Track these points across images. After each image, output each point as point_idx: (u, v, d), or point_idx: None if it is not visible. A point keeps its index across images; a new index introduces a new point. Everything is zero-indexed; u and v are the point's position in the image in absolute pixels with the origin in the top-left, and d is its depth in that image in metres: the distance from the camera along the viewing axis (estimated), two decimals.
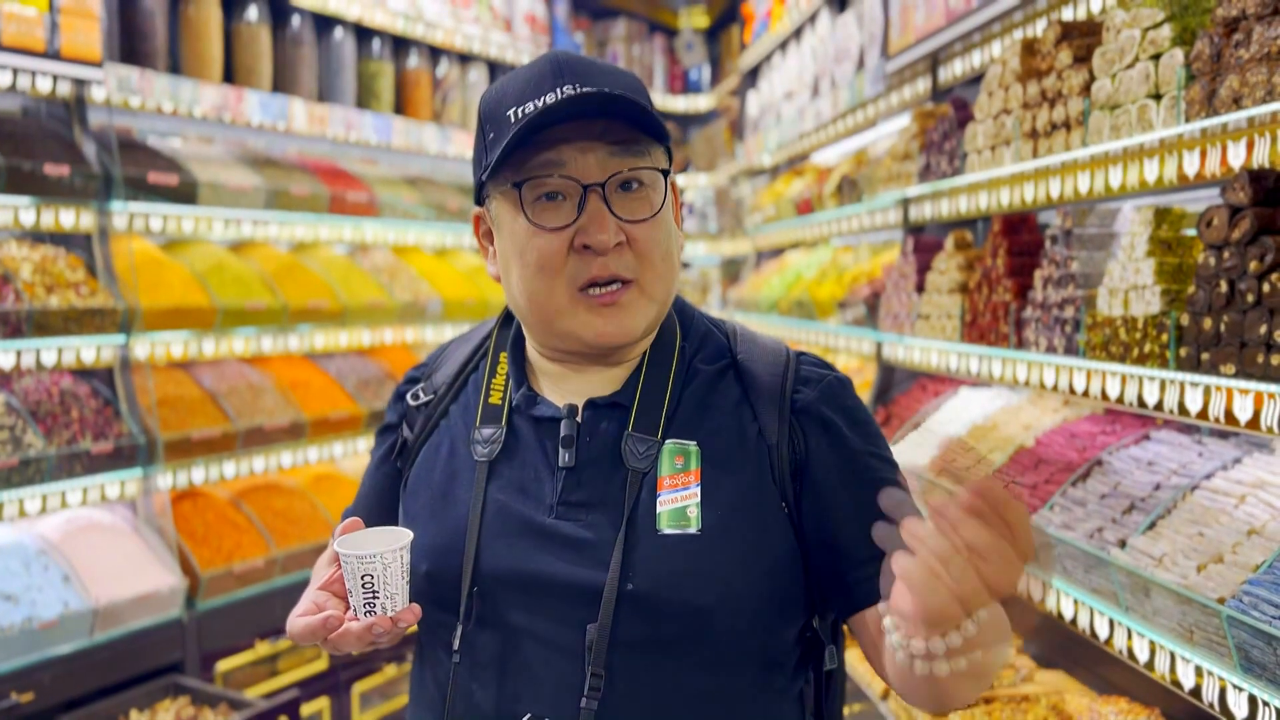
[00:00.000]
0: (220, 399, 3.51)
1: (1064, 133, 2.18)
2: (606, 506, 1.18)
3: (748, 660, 1.18)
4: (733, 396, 1.24)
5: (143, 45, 3.52)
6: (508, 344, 1.32)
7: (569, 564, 1.16)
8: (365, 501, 1.40)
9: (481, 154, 1.22)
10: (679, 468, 1.19)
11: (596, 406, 1.23)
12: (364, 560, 1.08)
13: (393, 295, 4.22)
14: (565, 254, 1.16)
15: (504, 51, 5.07)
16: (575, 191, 1.15)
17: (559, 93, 1.14)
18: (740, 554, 1.16)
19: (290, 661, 3.46)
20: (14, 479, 2.80)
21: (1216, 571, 1.65)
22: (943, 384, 3.18)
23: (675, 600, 1.13)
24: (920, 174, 3.00)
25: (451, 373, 1.35)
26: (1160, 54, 1.87)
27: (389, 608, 1.10)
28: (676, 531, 1.15)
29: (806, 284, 4.24)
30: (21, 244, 3.11)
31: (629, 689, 1.13)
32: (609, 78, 1.18)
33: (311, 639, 1.12)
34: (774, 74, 5.19)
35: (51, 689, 2.76)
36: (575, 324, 1.19)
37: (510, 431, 1.25)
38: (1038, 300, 2.28)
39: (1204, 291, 1.70)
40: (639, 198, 1.18)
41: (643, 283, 1.19)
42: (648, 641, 1.14)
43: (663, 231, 1.20)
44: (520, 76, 1.19)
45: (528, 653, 1.17)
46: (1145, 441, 2.19)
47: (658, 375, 1.24)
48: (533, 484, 1.21)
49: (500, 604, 1.18)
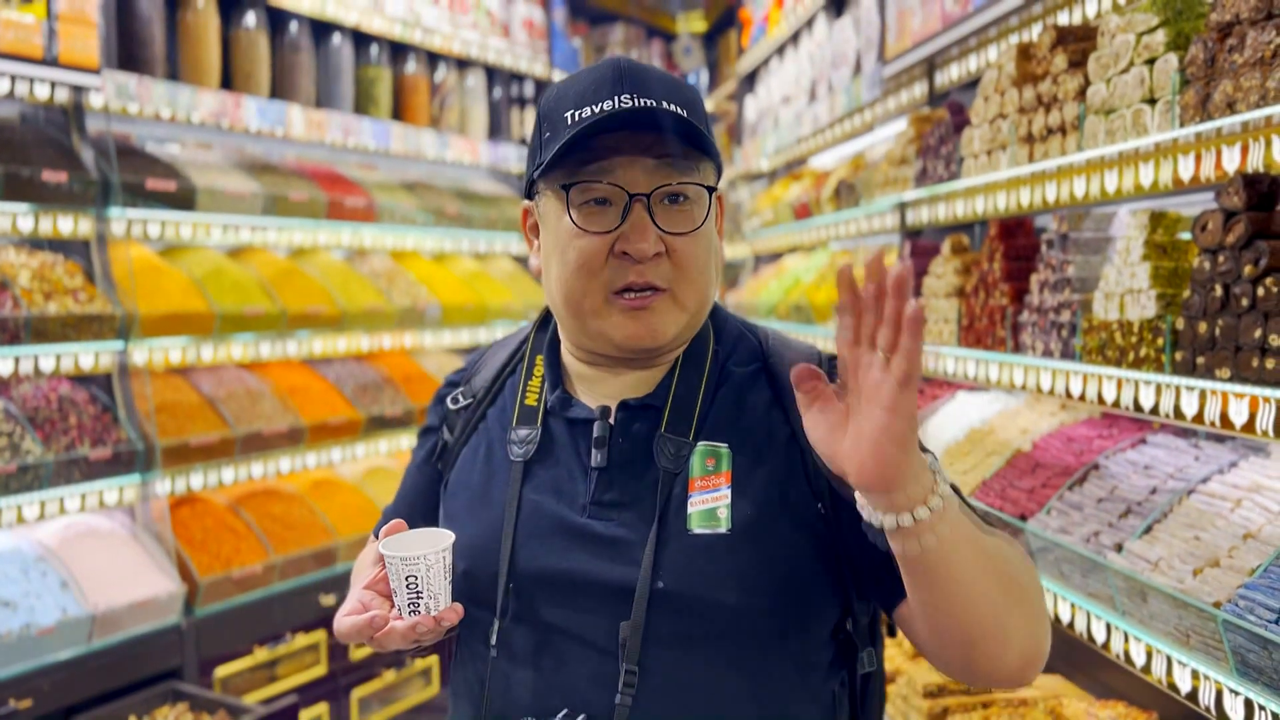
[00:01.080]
0: (218, 405, 3.51)
1: (1059, 137, 2.18)
2: (638, 506, 1.20)
3: (779, 658, 1.19)
4: (765, 398, 1.26)
5: (141, 52, 3.52)
6: (544, 347, 1.35)
7: (601, 562, 1.19)
8: (406, 500, 1.44)
9: (536, 150, 1.25)
10: (710, 469, 1.21)
11: (629, 408, 1.26)
12: (408, 562, 1.12)
13: (391, 300, 4.22)
14: (605, 257, 1.19)
15: (502, 57, 5.08)
16: (621, 199, 1.18)
17: (616, 101, 1.16)
18: (770, 554, 1.18)
19: (289, 667, 3.46)
20: (12, 485, 2.80)
21: (1213, 575, 1.65)
22: (940, 388, 3.18)
23: (705, 599, 1.16)
24: (917, 178, 3.01)
25: (489, 377, 1.39)
26: (1155, 59, 1.88)
27: (432, 607, 1.14)
28: (707, 531, 1.18)
29: (804, 288, 4.24)
30: (20, 250, 3.12)
31: (662, 684, 1.16)
32: (667, 90, 1.20)
33: (358, 637, 1.15)
34: (771, 79, 5.20)
35: (50, 695, 2.76)
36: (607, 325, 1.22)
37: (545, 432, 1.28)
38: (1034, 304, 2.29)
39: (1199, 295, 1.70)
40: (682, 211, 1.21)
41: (676, 292, 1.21)
42: (679, 638, 1.16)
43: (702, 245, 1.22)
44: (582, 79, 1.22)
45: (562, 648, 1.19)
46: (1142, 445, 2.20)
47: (690, 378, 1.26)
48: (567, 484, 1.25)
49: (535, 601, 1.21)
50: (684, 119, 1.17)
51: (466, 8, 4.87)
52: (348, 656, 3.68)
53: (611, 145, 1.18)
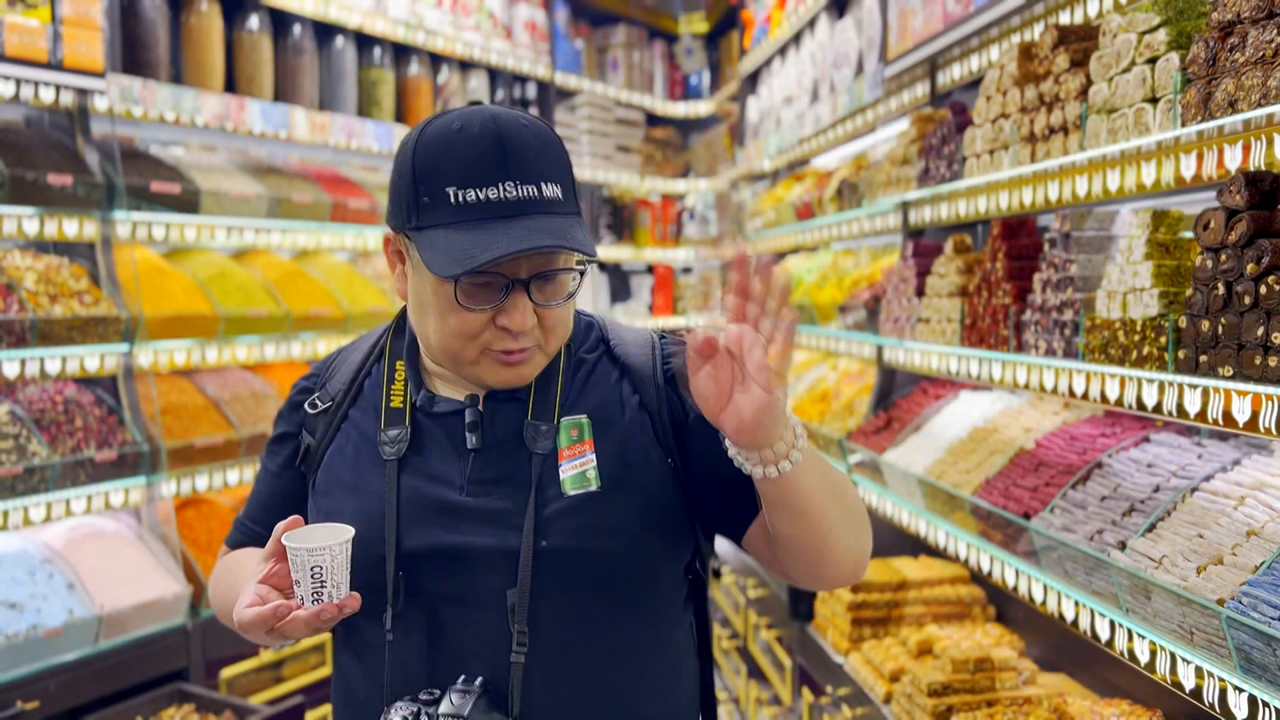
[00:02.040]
0: (223, 406, 3.52)
1: (1061, 136, 2.19)
2: (514, 480, 1.32)
3: (649, 597, 1.36)
4: (612, 375, 1.41)
5: (145, 55, 3.53)
6: (403, 352, 1.43)
7: (485, 533, 1.29)
8: (263, 507, 1.50)
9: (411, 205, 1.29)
10: (575, 439, 1.35)
11: (497, 399, 1.37)
12: (314, 553, 1.18)
13: (395, 302, 4.23)
14: (484, 326, 1.30)
15: (504, 59, 5.09)
16: (501, 281, 1.27)
17: (501, 190, 1.25)
18: (636, 504, 1.33)
19: (294, 669, 3.47)
20: (18, 487, 2.81)
21: (1216, 573, 1.66)
22: (943, 387, 3.19)
23: (586, 549, 1.29)
24: (919, 178, 3.01)
25: (347, 378, 1.46)
26: (1156, 58, 1.88)
27: (335, 595, 1.21)
28: (580, 492, 1.31)
29: (807, 288, 4.25)
30: (25, 254, 3.13)
31: (553, 639, 1.28)
32: (545, 166, 1.28)
33: (261, 627, 1.21)
34: (773, 79, 5.20)
35: (56, 697, 2.77)
36: (481, 371, 1.34)
37: (414, 429, 1.37)
38: (1037, 303, 2.29)
39: (1201, 294, 1.71)
40: (557, 284, 1.33)
41: (545, 345, 1.35)
42: (565, 590, 1.29)
43: (569, 308, 1.37)
44: (464, 153, 1.26)
45: (455, 619, 1.30)
46: (1145, 444, 2.20)
47: (548, 370, 1.39)
48: (441, 469, 1.34)
49: (424, 580, 1.30)
50: (560, 205, 1.28)
51: (469, 10, 4.88)
52: None
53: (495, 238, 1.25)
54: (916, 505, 2.79)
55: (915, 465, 2.80)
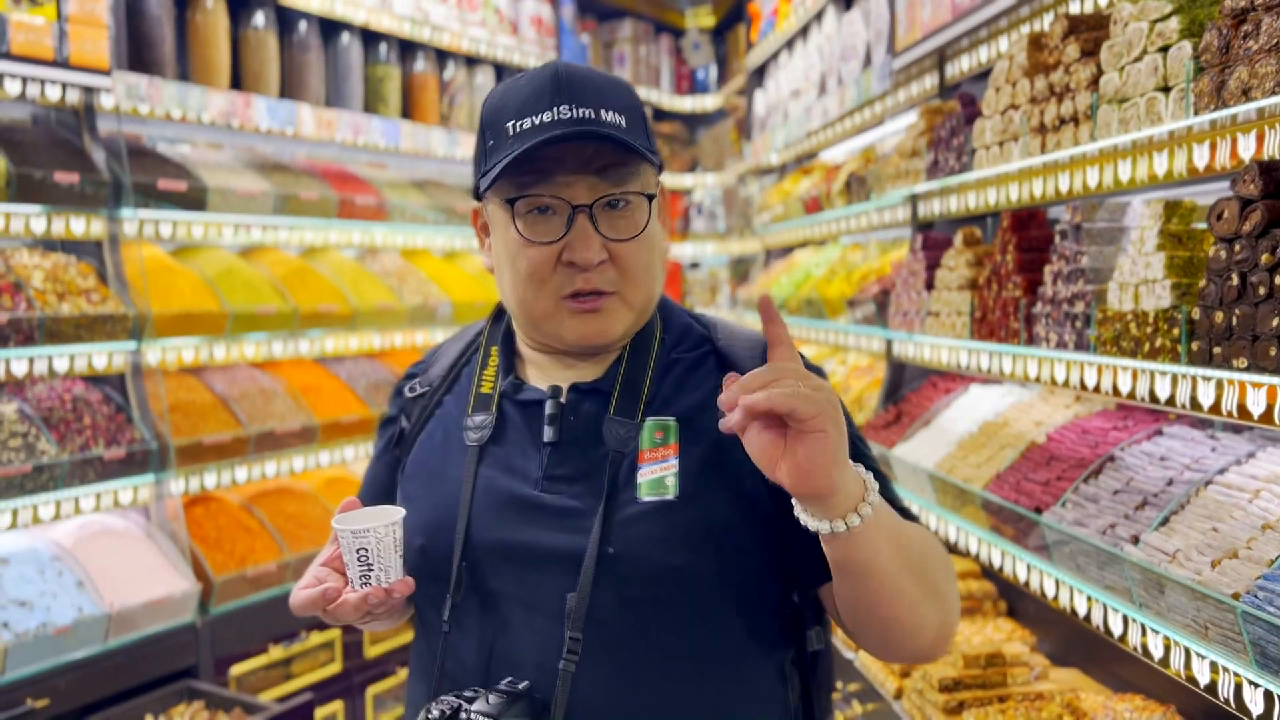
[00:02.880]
0: (231, 404, 3.52)
1: (1072, 127, 2.17)
2: (589, 479, 1.25)
3: (723, 624, 1.24)
4: (712, 379, 1.32)
5: (151, 53, 3.53)
6: (499, 339, 1.41)
7: (553, 532, 1.23)
8: (368, 488, 1.50)
9: (481, 158, 1.30)
10: (658, 441, 1.26)
11: (580, 390, 1.31)
12: (358, 535, 1.15)
13: (402, 299, 4.22)
14: (552, 266, 1.24)
15: (510, 54, 5.08)
16: (564, 209, 1.23)
17: (555, 113, 1.20)
18: (715, 520, 1.23)
19: (304, 665, 3.47)
20: (27, 485, 2.81)
21: (1231, 567, 1.64)
22: (953, 381, 3.17)
23: (653, 560, 1.20)
24: (928, 171, 2.99)
25: (445, 366, 1.45)
26: (1168, 46, 1.86)
27: (383, 579, 1.17)
28: (655, 499, 1.23)
29: (815, 282, 4.23)
30: (33, 252, 3.13)
31: (606, 649, 1.20)
32: (605, 96, 1.23)
33: (313, 609, 1.19)
34: (781, 73, 5.18)
35: (67, 694, 2.77)
36: (559, 327, 1.28)
37: (499, 417, 1.33)
38: (1047, 296, 2.27)
39: (1215, 285, 1.69)
40: (624, 216, 1.25)
41: (624, 294, 1.27)
42: (627, 603, 1.20)
43: (645, 247, 1.28)
44: (522, 88, 1.25)
45: (510, 616, 1.24)
46: (1158, 437, 2.18)
47: (637, 364, 1.32)
48: (519, 461, 1.29)
49: (488, 574, 1.26)
50: (621, 129, 1.22)
51: (474, 5, 4.87)
52: (362, 654, 3.68)
53: (554, 157, 1.22)
54: (927, 500, 2.78)
55: (925, 460, 2.78)
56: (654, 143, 1.30)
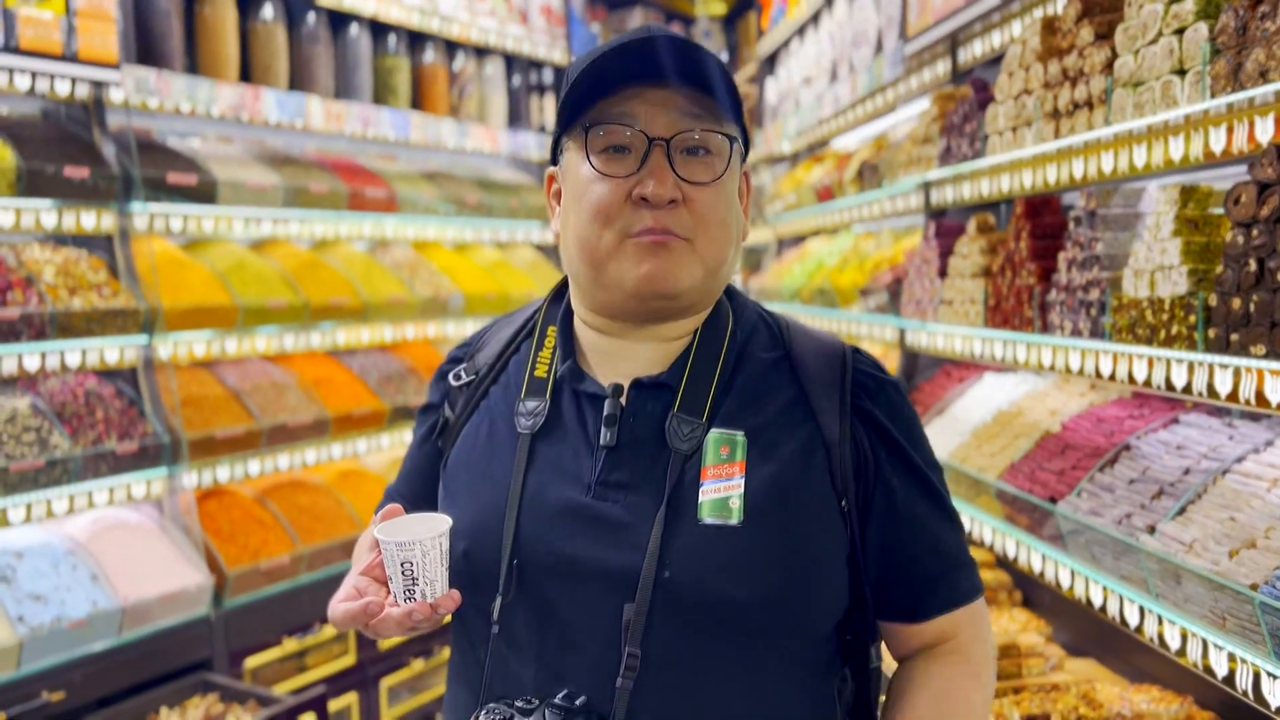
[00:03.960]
0: (243, 397, 3.53)
1: (1086, 112, 2.14)
2: (646, 488, 1.16)
3: (782, 652, 1.17)
4: (786, 390, 1.23)
5: (159, 46, 3.53)
6: (557, 319, 1.31)
7: (606, 547, 1.15)
8: (407, 480, 1.42)
9: (562, 109, 1.22)
10: (724, 458, 1.17)
11: (642, 386, 1.22)
12: (403, 547, 1.08)
13: (413, 291, 4.22)
14: (622, 203, 1.16)
15: (520, 44, 5.06)
16: (641, 145, 1.16)
17: (640, 33, 1.15)
18: (781, 550, 1.14)
19: (318, 658, 3.48)
20: (41, 480, 2.82)
21: (1249, 557, 1.62)
22: (967, 370, 3.14)
23: (712, 590, 1.12)
24: (941, 157, 2.96)
25: (494, 353, 1.35)
26: (1184, 28, 1.83)
27: (428, 594, 1.10)
28: (717, 522, 1.14)
29: (828, 271, 4.20)
30: (44, 246, 3.14)
31: (663, 670, 1.13)
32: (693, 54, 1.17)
33: (353, 624, 1.12)
34: (792, 60, 5.15)
35: (82, 687, 2.78)
36: (621, 267, 1.17)
37: (553, 406, 1.25)
38: (1062, 283, 2.25)
39: (1232, 271, 1.66)
40: (703, 162, 1.18)
41: (695, 242, 1.18)
42: (683, 626, 1.13)
43: (722, 199, 1.19)
44: (607, 45, 1.20)
45: (565, 628, 1.17)
46: (1174, 425, 2.16)
47: (707, 356, 1.23)
48: (571, 462, 1.21)
49: (538, 582, 1.18)
50: (707, 61, 1.16)
51: None
52: (376, 646, 3.69)
53: (634, 92, 1.17)
54: None
55: (939, 449, 2.76)
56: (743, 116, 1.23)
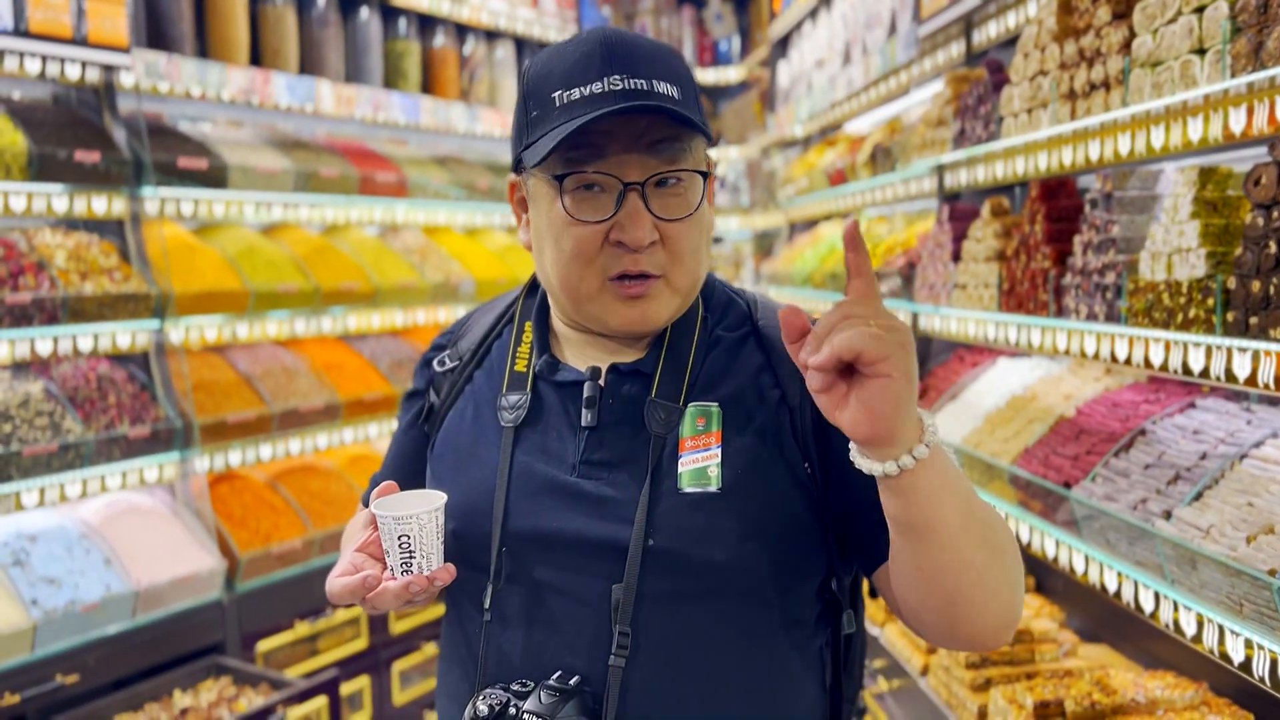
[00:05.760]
0: (255, 382, 3.53)
1: (1103, 93, 2.11)
2: (628, 466, 1.21)
3: (767, 615, 1.21)
4: (754, 362, 1.27)
5: (169, 30, 3.52)
6: (533, 313, 1.35)
7: (591, 520, 1.20)
8: (394, 465, 1.45)
9: (523, 128, 1.23)
10: (700, 429, 1.21)
11: (619, 371, 1.26)
12: (401, 521, 1.12)
13: (424, 276, 4.21)
14: (600, 245, 1.19)
15: (530, 28, 5.03)
16: (614, 186, 1.17)
17: (606, 84, 1.15)
18: (758, 511, 1.19)
19: (330, 641, 3.49)
20: (54, 464, 2.83)
21: (1267, 542, 1.60)
22: (981, 354, 3.12)
23: (696, 555, 1.17)
24: (955, 140, 2.93)
25: (476, 339, 1.39)
26: (1204, 6, 1.80)
27: (425, 567, 1.14)
28: (697, 490, 1.19)
29: (840, 256, 4.18)
30: (55, 231, 3.14)
31: (655, 644, 1.17)
32: (657, 66, 1.18)
33: (350, 598, 1.15)
34: (804, 43, 5.11)
35: (96, 670, 2.80)
36: (602, 310, 1.22)
37: (534, 397, 1.29)
38: (1077, 266, 2.22)
39: (1252, 253, 1.64)
40: (676, 194, 1.20)
41: (670, 277, 1.22)
42: (671, 596, 1.17)
43: (695, 229, 1.22)
44: (568, 55, 1.19)
45: (555, 608, 1.20)
46: (1191, 410, 2.13)
47: (680, 345, 1.27)
48: (555, 445, 1.25)
49: (527, 561, 1.22)
50: (675, 102, 1.16)
51: None
52: (388, 630, 3.70)
53: (604, 130, 1.16)
54: None
55: (952, 434, 2.74)
56: (704, 113, 1.25)
